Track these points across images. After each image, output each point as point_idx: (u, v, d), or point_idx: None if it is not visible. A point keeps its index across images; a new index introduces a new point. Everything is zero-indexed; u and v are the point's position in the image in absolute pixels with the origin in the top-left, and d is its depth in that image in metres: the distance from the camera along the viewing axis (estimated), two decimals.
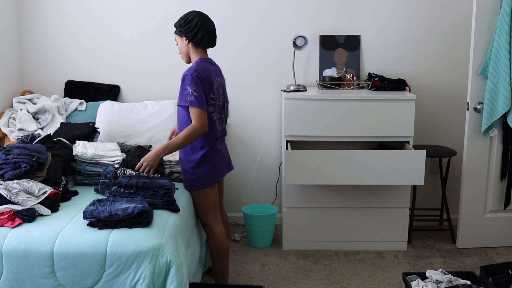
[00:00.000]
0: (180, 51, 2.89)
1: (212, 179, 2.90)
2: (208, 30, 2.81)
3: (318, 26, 3.97)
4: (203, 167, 2.84)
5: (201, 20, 2.79)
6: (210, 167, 2.87)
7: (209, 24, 2.82)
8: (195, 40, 2.80)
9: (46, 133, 3.45)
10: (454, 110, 4.06)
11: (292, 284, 3.26)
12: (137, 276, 2.25)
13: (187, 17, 2.81)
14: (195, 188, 2.89)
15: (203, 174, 2.86)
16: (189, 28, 2.78)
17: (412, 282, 2.86)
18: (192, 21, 2.78)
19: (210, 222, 2.97)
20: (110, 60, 4.03)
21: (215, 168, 2.90)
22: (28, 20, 3.99)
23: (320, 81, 3.90)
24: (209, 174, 2.88)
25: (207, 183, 2.88)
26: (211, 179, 2.89)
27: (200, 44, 2.82)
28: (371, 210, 3.70)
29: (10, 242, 2.27)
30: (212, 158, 2.87)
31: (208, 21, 2.83)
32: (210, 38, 2.83)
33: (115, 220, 2.35)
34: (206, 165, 2.85)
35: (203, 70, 2.76)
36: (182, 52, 2.88)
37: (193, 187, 2.89)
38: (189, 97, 2.68)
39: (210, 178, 2.89)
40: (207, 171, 2.86)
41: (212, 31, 2.84)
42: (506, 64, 3.34)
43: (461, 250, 3.72)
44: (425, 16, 3.95)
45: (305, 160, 3.40)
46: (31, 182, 2.58)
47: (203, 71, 2.75)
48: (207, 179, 2.87)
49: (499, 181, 3.69)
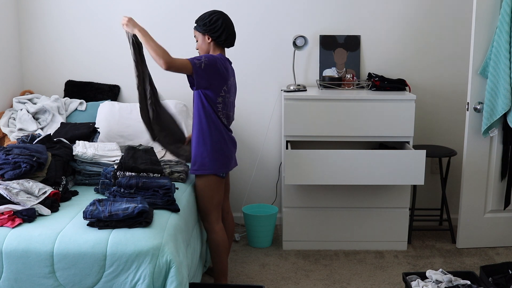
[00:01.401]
0: (199, 47, 2.94)
1: (222, 165, 2.92)
2: (231, 32, 2.91)
3: (318, 26, 3.97)
4: (217, 153, 2.88)
5: (226, 21, 2.89)
6: (223, 155, 2.91)
7: (232, 26, 2.93)
8: (219, 40, 2.88)
9: (46, 133, 3.45)
10: (454, 110, 4.07)
11: (292, 284, 3.26)
12: (137, 276, 2.25)
13: (212, 17, 2.87)
14: (205, 172, 2.89)
15: (215, 158, 2.89)
16: (214, 28, 2.86)
17: (412, 282, 2.86)
18: (217, 21, 2.86)
19: (212, 219, 2.98)
20: (110, 60, 4.03)
21: (228, 158, 2.95)
22: (28, 20, 4.00)
23: (320, 81, 3.91)
24: (221, 161, 2.91)
25: (217, 170, 2.91)
26: (221, 165, 2.92)
27: (223, 44, 2.92)
28: (371, 210, 3.71)
29: (10, 242, 2.27)
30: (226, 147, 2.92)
31: (231, 22, 2.94)
32: (231, 39, 2.93)
33: (115, 220, 2.35)
34: (220, 152, 2.89)
35: (222, 61, 2.85)
36: (201, 49, 2.93)
37: (204, 171, 2.90)
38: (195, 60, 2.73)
39: (221, 164, 2.91)
40: (220, 158, 2.90)
41: (233, 32, 2.94)
42: (506, 64, 3.35)
43: (461, 250, 3.72)
44: (425, 16, 3.95)
45: (305, 160, 3.41)
46: (31, 182, 2.58)
47: (222, 61, 2.84)
48: (217, 164, 2.90)
49: (499, 181, 3.69)
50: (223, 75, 2.83)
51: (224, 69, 2.83)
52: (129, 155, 2.93)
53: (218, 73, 2.80)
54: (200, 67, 2.74)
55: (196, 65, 2.74)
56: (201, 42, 2.90)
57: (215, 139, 2.87)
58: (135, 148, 3.09)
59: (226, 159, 2.94)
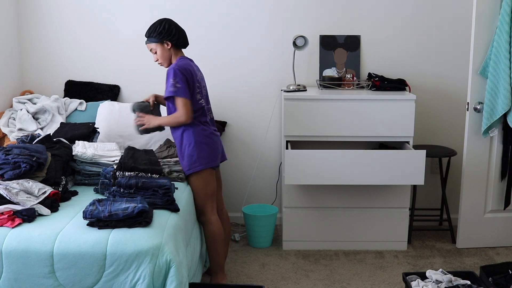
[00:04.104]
0: (160, 58, 3.02)
1: (211, 159, 3.00)
2: (182, 32, 3.03)
3: (318, 26, 3.97)
4: (202, 147, 2.97)
5: (175, 24, 3.00)
6: (208, 147, 2.99)
7: (180, 27, 3.03)
8: (178, 42, 3.00)
9: (46, 133, 3.45)
10: (454, 110, 4.06)
11: (292, 284, 3.26)
12: (137, 276, 2.25)
13: (163, 24, 2.97)
14: (196, 168, 2.97)
15: (203, 153, 2.97)
16: (170, 33, 2.96)
17: (412, 282, 2.86)
18: (170, 26, 2.97)
19: (207, 210, 3.05)
20: (110, 60, 4.03)
21: (214, 150, 3.03)
22: (28, 20, 3.99)
23: (320, 81, 3.90)
24: (209, 154, 2.99)
25: (208, 163, 2.98)
26: (210, 159, 3.00)
27: (180, 45, 3.03)
28: (371, 210, 3.70)
29: (10, 242, 2.27)
30: (210, 140, 3.00)
31: (178, 25, 3.04)
32: (185, 39, 3.05)
33: (115, 220, 2.35)
34: (205, 146, 2.98)
35: (185, 64, 2.96)
36: (163, 58, 3.02)
37: (194, 168, 2.97)
38: (173, 88, 2.88)
39: (210, 158, 2.99)
40: (206, 151, 2.98)
41: (184, 32, 3.04)
42: (506, 64, 3.34)
43: (461, 250, 3.72)
44: (425, 16, 3.95)
45: (305, 160, 3.40)
46: (31, 182, 2.58)
47: (185, 64, 2.95)
48: (206, 159, 2.98)
49: (499, 181, 3.69)
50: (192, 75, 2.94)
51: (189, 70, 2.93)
52: (128, 155, 2.93)
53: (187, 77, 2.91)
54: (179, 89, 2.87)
55: (177, 91, 2.87)
56: (161, 51, 2.99)
57: (198, 137, 2.96)
58: (134, 148, 3.10)
59: (213, 152, 3.02)
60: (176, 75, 2.88)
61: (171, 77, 2.88)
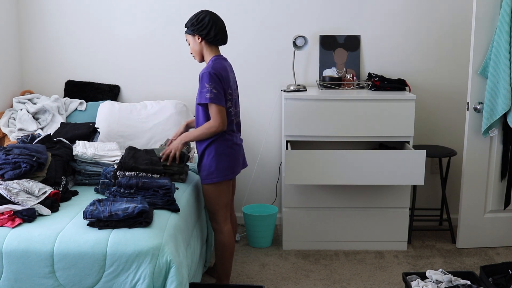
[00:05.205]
0: (192, 50, 2.91)
1: (231, 172, 2.91)
2: (220, 27, 2.86)
3: (318, 26, 3.97)
4: (222, 159, 2.86)
5: (213, 18, 2.84)
6: (229, 160, 2.89)
7: (220, 22, 2.88)
8: (208, 37, 2.84)
9: (46, 133, 3.45)
10: (454, 110, 4.07)
11: (292, 284, 3.26)
12: (137, 276, 2.25)
13: (198, 16, 2.84)
14: (213, 180, 2.88)
15: (222, 166, 2.87)
16: (202, 26, 2.82)
17: (412, 282, 2.86)
18: (204, 19, 2.83)
19: (221, 219, 2.97)
20: (110, 60, 4.03)
21: (233, 161, 2.92)
22: (28, 20, 3.99)
23: (320, 81, 3.91)
24: (228, 166, 2.89)
25: (225, 176, 2.88)
26: (229, 172, 2.90)
27: (214, 41, 2.87)
28: (371, 210, 3.71)
29: (10, 242, 2.27)
30: (231, 151, 2.89)
31: (219, 19, 2.89)
32: (222, 36, 2.88)
33: (115, 220, 2.35)
34: (224, 157, 2.87)
35: (220, 67, 2.81)
36: (194, 52, 2.91)
37: (211, 180, 2.88)
38: (209, 94, 2.74)
39: (228, 170, 2.89)
40: (226, 163, 2.88)
41: (223, 28, 2.89)
42: (506, 64, 3.35)
43: (461, 250, 3.72)
44: (425, 16, 3.95)
45: (305, 160, 3.40)
46: (31, 182, 2.58)
47: (221, 68, 2.81)
48: (225, 171, 2.88)
49: (499, 181, 3.69)
50: (226, 81, 2.81)
51: (224, 75, 2.80)
52: (129, 155, 2.93)
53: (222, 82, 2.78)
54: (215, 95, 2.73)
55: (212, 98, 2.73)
56: (193, 44, 2.89)
57: (220, 148, 2.85)
58: (135, 148, 3.09)
59: (232, 164, 2.91)
60: (213, 80, 2.74)
61: (207, 81, 2.74)
